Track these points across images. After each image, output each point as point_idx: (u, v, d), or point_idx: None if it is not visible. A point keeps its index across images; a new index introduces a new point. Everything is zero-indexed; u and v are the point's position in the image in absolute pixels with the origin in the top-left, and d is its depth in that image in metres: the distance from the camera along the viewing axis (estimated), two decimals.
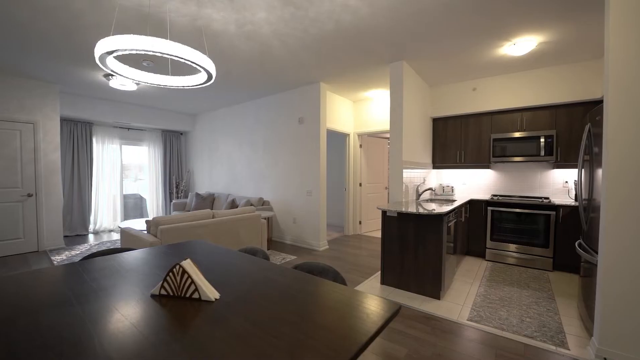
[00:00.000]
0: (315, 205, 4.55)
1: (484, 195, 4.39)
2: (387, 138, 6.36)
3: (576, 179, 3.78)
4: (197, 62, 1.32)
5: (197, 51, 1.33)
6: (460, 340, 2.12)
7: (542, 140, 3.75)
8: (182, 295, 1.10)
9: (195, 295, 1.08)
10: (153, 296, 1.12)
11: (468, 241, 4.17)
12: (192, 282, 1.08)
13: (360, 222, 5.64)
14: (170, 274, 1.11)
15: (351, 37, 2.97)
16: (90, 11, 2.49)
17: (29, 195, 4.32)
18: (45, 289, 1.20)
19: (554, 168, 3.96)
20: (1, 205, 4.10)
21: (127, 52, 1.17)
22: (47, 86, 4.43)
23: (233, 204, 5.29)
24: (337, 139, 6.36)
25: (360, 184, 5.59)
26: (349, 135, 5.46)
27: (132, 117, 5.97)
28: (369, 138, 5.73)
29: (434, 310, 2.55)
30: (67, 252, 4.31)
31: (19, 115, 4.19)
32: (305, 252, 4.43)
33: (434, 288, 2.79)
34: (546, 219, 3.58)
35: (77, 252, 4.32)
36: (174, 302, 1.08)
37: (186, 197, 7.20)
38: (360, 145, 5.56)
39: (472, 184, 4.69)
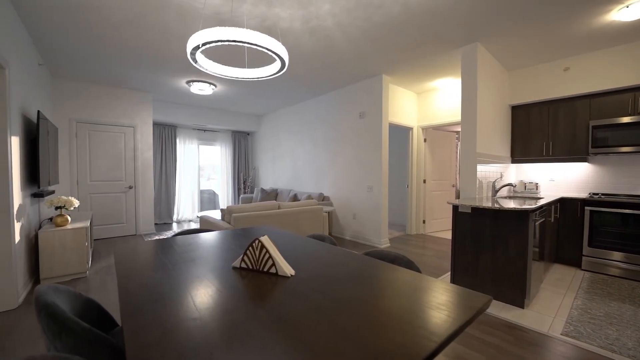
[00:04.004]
0: (377, 201, 4.43)
1: (579, 193, 3.73)
2: (455, 131, 5.88)
3: None
4: (272, 49, 1.39)
5: (272, 38, 1.40)
6: (553, 356, 1.82)
7: None
8: (260, 269, 1.15)
9: (272, 270, 1.12)
10: (234, 268, 1.20)
11: (558, 246, 3.59)
12: (270, 256, 1.12)
13: (424, 222, 5.31)
14: (250, 248, 1.17)
15: (419, 20, 2.80)
16: (176, 23, 2.83)
17: (130, 188, 5.12)
18: (148, 257, 1.38)
19: None
20: (111, 195, 4.96)
21: (213, 45, 1.29)
22: (144, 95, 5.20)
23: (295, 199, 5.48)
24: (399, 133, 6.11)
25: (424, 181, 5.26)
26: (412, 128, 5.19)
27: (208, 119, 6.66)
28: (434, 131, 5.36)
29: (518, 319, 2.25)
30: (157, 237, 4.99)
31: (123, 120, 5.01)
32: (366, 248, 4.34)
33: (517, 295, 2.46)
34: None
35: (166, 238, 4.97)
36: (252, 274, 1.13)
37: (252, 192, 7.73)
38: (425, 140, 5.23)
39: (562, 180, 4.02)
